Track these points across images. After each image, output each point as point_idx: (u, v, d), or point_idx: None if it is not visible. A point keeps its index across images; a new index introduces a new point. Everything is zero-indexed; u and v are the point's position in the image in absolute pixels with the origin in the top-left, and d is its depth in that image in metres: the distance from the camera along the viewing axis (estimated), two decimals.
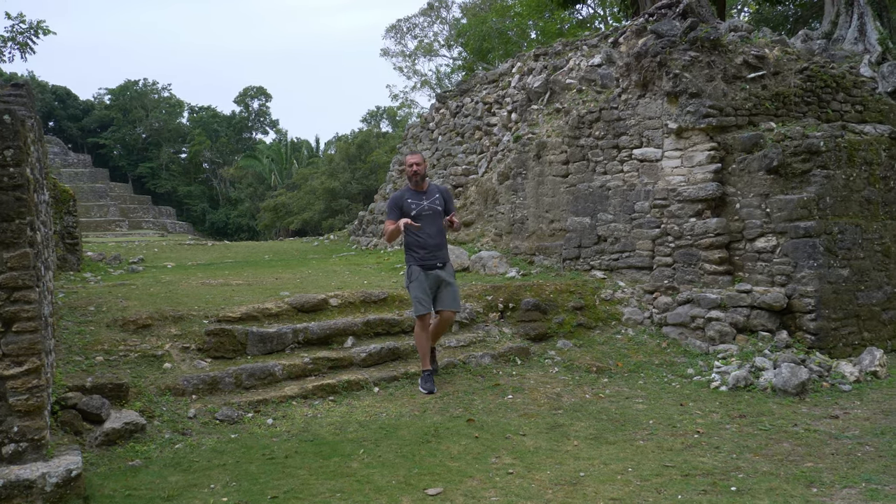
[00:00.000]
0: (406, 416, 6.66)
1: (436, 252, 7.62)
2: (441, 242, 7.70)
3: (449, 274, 7.71)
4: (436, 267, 7.59)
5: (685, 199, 9.69)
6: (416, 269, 7.56)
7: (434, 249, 7.61)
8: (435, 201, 7.70)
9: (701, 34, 10.10)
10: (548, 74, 13.30)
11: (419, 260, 7.57)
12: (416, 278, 7.54)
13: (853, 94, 11.00)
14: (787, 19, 29.78)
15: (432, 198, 7.71)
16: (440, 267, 7.62)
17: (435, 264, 7.58)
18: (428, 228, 7.58)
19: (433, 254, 7.60)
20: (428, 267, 7.56)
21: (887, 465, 5.27)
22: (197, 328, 7.63)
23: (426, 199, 7.68)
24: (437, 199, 7.72)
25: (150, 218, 37.00)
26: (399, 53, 43.17)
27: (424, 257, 7.57)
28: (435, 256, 7.60)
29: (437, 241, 7.65)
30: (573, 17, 35.57)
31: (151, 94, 64.76)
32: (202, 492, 4.93)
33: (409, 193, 7.73)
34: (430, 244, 7.58)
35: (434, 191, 7.80)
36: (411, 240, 7.64)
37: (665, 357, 8.80)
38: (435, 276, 7.58)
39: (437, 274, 7.58)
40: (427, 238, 7.57)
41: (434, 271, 7.58)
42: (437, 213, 7.69)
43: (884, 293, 9.32)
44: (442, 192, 7.87)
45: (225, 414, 6.50)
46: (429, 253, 7.58)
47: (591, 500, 4.72)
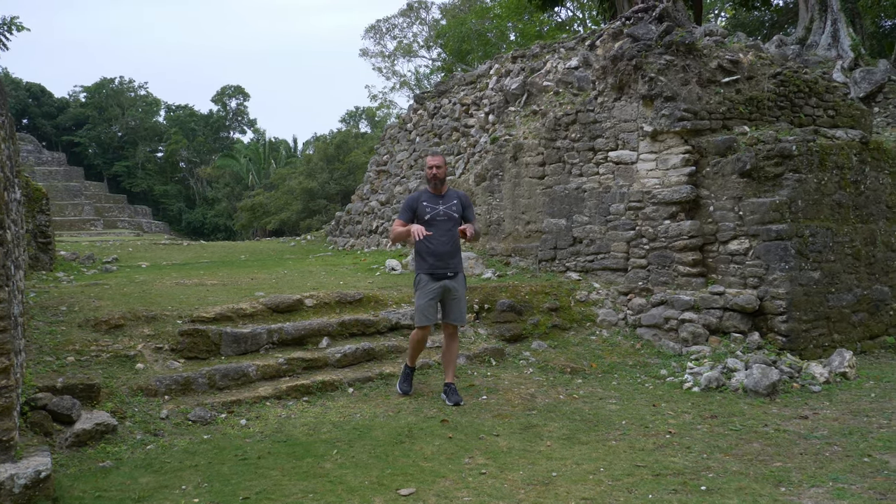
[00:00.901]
0: (380, 417, 6.66)
1: (447, 260, 7.13)
2: (453, 250, 7.19)
3: (460, 284, 7.26)
4: (446, 277, 7.12)
5: (660, 201, 9.77)
6: (425, 277, 7.14)
7: (446, 258, 7.12)
8: (452, 207, 7.22)
9: (676, 38, 10.19)
10: (525, 76, 13.35)
11: (428, 268, 7.12)
12: (423, 287, 7.13)
13: (826, 99, 11.13)
14: (763, 24, 30.11)
15: (450, 203, 7.24)
16: (451, 277, 7.15)
17: (445, 273, 7.12)
18: (441, 235, 7.10)
19: (444, 262, 7.12)
20: (437, 276, 7.10)
21: (854, 464, 5.34)
22: (170, 328, 7.59)
23: (443, 203, 7.22)
24: (455, 206, 7.24)
25: (126, 217, 36.69)
26: (378, 54, 43.25)
27: (434, 266, 7.11)
28: (446, 265, 7.13)
29: (449, 249, 7.14)
30: (552, 20, 35.74)
31: (127, 91, 64.27)
32: (173, 493, 4.90)
33: (425, 196, 7.30)
34: (441, 252, 7.10)
35: (452, 196, 7.32)
36: (421, 246, 7.16)
37: (639, 358, 8.86)
38: (443, 287, 7.13)
39: (445, 284, 7.13)
40: (438, 245, 7.09)
41: (443, 281, 7.12)
42: (453, 219, 7.19)
43: (854, 296, 9.44)
44: (461, 198, 7.36)
45: (198, 415, 6.47)
46: (439, 261, 7.11)
47: (563, 499, 4.74)
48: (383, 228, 16.65)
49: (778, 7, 29.50)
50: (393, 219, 16.20)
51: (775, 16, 29.61)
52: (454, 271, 7.18)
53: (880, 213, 10.05)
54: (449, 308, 7.22)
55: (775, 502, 4.62)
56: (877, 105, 14.88)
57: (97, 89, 62.64)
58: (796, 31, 18.64)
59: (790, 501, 4.63)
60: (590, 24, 33.35)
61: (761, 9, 27.95)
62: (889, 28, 26.18)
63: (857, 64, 16.38)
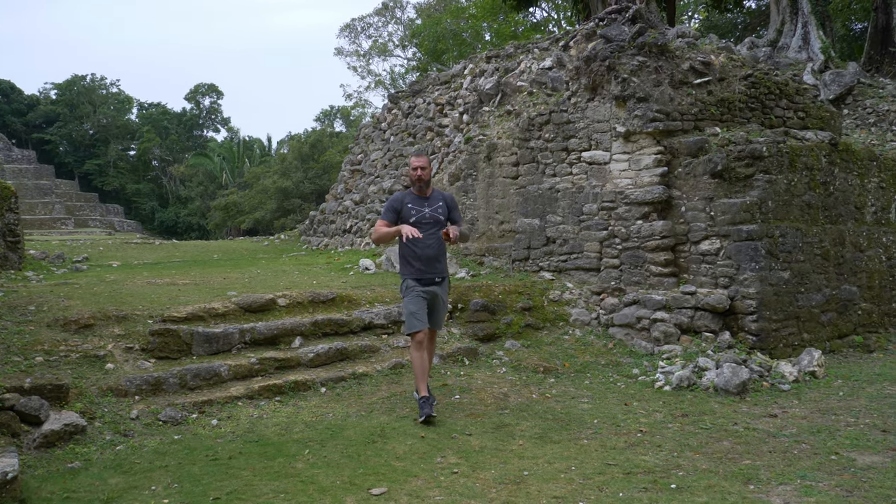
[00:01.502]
0: (353, 417, 6.65)
1: (434, 265, 6.86)
2: (439, 254, 6.91)
3: (444, 290, 7.02)
4: (433, 282, 6.86)
5: (632, 201, 9.83)
6: (412, 282, 6.85)
7: (432, 262, 6.85)
8: (438, 209, 6.93)
9: (649, 39, 10.26)
10: (499, 76, 13.38)
11: (415, 273, 6.83)
12: (412, 291, 6.81)
13: (796, 100, 11.26)
14: (736, 27, 30.39)
15: (435, 205, 6.95)
16: (438, 282, 6.90)
17: (433, 279, 6.85)
18: (426, 238, 6.80)
19: (431, 267, 6.84)
20: (425, 282, 6.82)
21: (822, 462, 5.40)
22: (141, 328, 7.52)
23: (428, 206, 6.92)
24: (441, 208, 6.95)
25: (97, 216, 36.26)
26: (353, 53, 43.14)
27: (421, 270, 6.82)
28: (433, 270, 6.85)
29: (435, 253, 6.86)
30: (527, 20, 35.87)
31: (99, 89, 63.58)
32: (143, 494, 4.86)
33: (410, 197, 6.98)
34: (427, 256, 6.81)
35: (438, 198, 7.03)
36: (406, 250, 6.89)
37: (611, 357, 8.91)
38: (431, 292, 6.85)
39: (433, 290, 6.86)
40: (424, 249, 6.80)
41: (431, 287, 6.85)
42: (439, 222, 6.90)
43: (823, 295, 9.56)
44: (447, 199, 7.08)
45: (168, 415, 6.42)
46: (425, 266, 6.82)
47: (535, 498, 4.76)
48: (357, 228, 16.61)
49: (750, 10, 29.81)
50: (367, 218, 16.17)
51: (748, 18, 29.92)
52: (441, 276, 6.94)
53: (849, 213, 10.19)
54: (432, 314, 6.93)
55: (744, 500, 4.66)
56: (846, 107, 15.07)
57: (68, 86, 61.90)
58: (768, 34, 18.84)
59: (758, 499, 4.68)
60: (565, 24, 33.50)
61: (734, 11, 28.23)
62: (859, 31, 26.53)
63: (827, 66, 16.59)
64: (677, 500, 4.66)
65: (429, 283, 6.84)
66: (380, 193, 15.97)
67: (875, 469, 5.19)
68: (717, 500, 4.65)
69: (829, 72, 15.97)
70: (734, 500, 4.66)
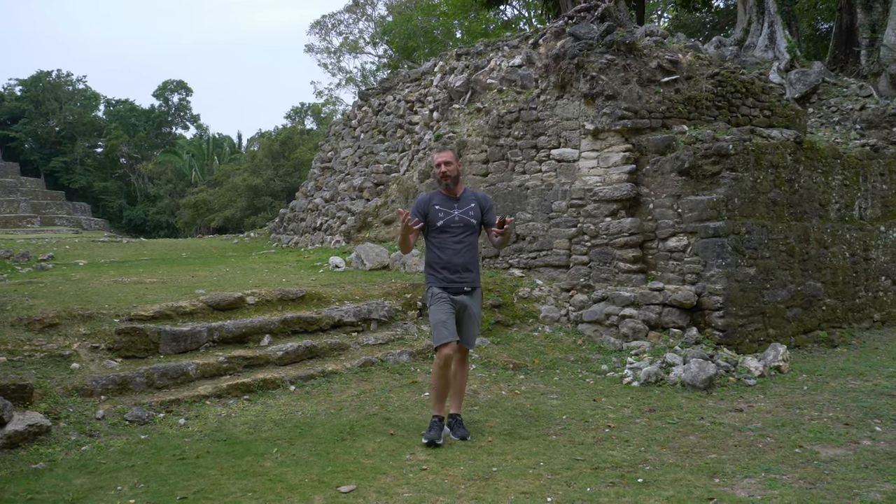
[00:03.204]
0: (322, 415, 6.63)
1: (463, 274, 6.09)
2: (470, 261, 6.15)
3: (477, 301, 6.23)
4: (462, 292, 6.09)
5: (601, 199, 9.90)
6: (438, 290, 6.11)
7: (461, 270, 6.08)
8: (469, 211, 6.17)
9: (617, 38, 10.33)
10: (469, 74, 13.40)
11: (440, 282, 6.10)
12: (438, 300, 6.07)
13: (762, 99, 11.40)
14: (705, 26, 30.66)
15: (466, 206, 6.19)
16: (467, 292, 6.12)
17: (461, 288, 6.09)
18: (455, 244, 6.09)
19: (459, 276, 6.08)
20: (453, 291, 6.07)
21: (786, 455, 5.48)
22: (107, 327, 7.44)
23: (458, 207, 6.17)
24: (472, 210, 6.18)
25: (64, 214, 35.75)
26: (324, 50, 42.94)
27: (448, 280, 6.07)
28: (462, 279, 6.09)
29: (465, 260, 6.11)
30: (498, 18, 35.92)
31: (65, 85, 62.65)
32: (108, 494, 4.81)
33: (438, 198, 6.23)
34: (455, 263, 6.07)
35: (469, 198, 6.25)
36: (431, 256, 6.20)
37: (580, 354, 8.97)
38: (460, 303, 6.10)
39: (462, 300, 6.10)
40: (452, 255, 6.07)
41: (460, 297, 6.09)
42: (470, 226, 6.15)
43: (788, 291, 9.69)
44: (479, 199, 6.29)
45: (135, 414, 6.36)
46: (454, 274, 6.07)
47: (503, 494, 4.78)
48: (328, 226, 16.55)
49: (718, 9, 30.10)
50: (338, 216, 16.11)
51: (716, 18, 30.20)
52: (472, 286, 6.16)
53: (813, 210, 10.33)
54: (461, 328, 6.15)
55: (709, 493, 4.71)
56: (811, 106, 15.28)
57: (33, 83, 60.90)
58: (734, 33, 19.04)
59: (723, 492, 4.73)
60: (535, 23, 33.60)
61: (702, 10, 28.48)
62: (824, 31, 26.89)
63: (792, 65, 16.80)
64: (644, 494, 4.70)
65: (457, 293, 6.09)
66: (350, 191, 15.93)
67: (837, 462, 5.27)
68: (683, 494, 4.69)
69: (794, 71, 16.18)
70: (700, 493, 4.71)
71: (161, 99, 64.07)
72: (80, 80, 64.56)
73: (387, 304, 9.21)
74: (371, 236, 13.94)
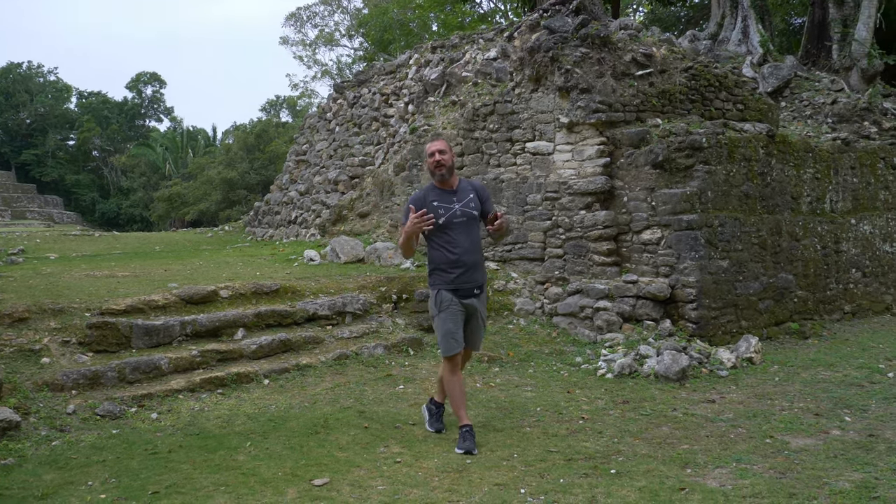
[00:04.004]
0: (296, 408, 6.61)
1: (473, 273, 5.64)
2: (478, 259, 5.71)
3: (483, 303, 5.82)
4: (472, 294, 5.66)
5: (575, 192, 9.93)
6: (447, 294, 5.63)
7: (471, 269, 5.63)
8: (469, 203, 5.67)
9: (592, 31, 10.35)
10: (444, 67, 13.37)
11: (451, 283, 5.61)
12: (449, 307, 5.62)
13: (735, 93, 11.47)
14: (680, 20, 30.81)
15: (465, 198, 5.68)
16: (477, 294, 5.70)
17: (472, 290, 5.65)
18: (462, 240, 5.60)
19: (470, 276, 5.62)
20: (464, 293, 5.63)
21: (757, 445, 5.53)
22: (78, 321, 7.37)
23: (458, 200, 5.67)
24: (472, 200, 5.68)
25: (36, 207, 35.31)
26: (299, 42, 42.65)
27: (459, 280, 5.60)
28: (472, 279, 5.64)
29: (475, 258, 5.65)
30: (474, 11, 35.84)
31: (36, 77, 61.88)
32: (79, 489, 4.77)
33: (434, 193, 5.71)
34: (465, 262, 5.60)
35: (467, 189, 5.76)
36: (438, 255, 5.68)
37: (555, 346, 9.00)
38: (469, 306, 5.68)
39: (472, 304, 5.68)
40: (462, 253, 5.60)
41: (469, 300, 5.67)
42: (473, 219, 5.69)
43: (760, 283, 9.77)
44: (477, 189, 5.81)
45: (106, 409, 6.30)
46: (465, 274, 5.60)
47: (477, 486, 4.79)
48: (302, 219, 16.46)
49: (693, 4, 30.25)
50: (313, 209, 16.02)
51: (691, 12, 30.36)
52: (480, 286, 5.73)
53: (785, 203, 10.42)
54: (472, 330, 5.81)
55: (681, 483, 4.75)
56: (784, 99, 15.41)
57: (3, 74, 60.05)
58: (708, 27, 19.16)
59: (695, 482, 4.77)
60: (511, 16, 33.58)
61: (676, 4, 28.62)
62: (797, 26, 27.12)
63: (765, 60, 16.94)
64: (616, 485, 4.73)
65: (467, 296, 5.65)
66: (325, 184, 15.85)
67: (807, 451, 5.33)
68: (655, 485, 4.73)
69: (767, 65, 16.30)
70: (672, 483, 4.75)
71: (134, 91, 63.43)
72: (52, 72, 63.86)
73: (362, 298, 9.19)
74: (346, 229, 13.89)
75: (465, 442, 5.51)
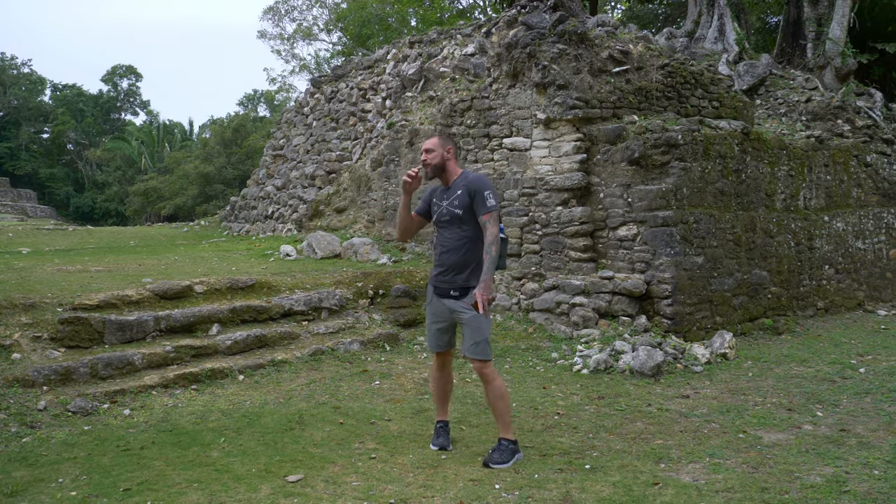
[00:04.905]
0: (270, 404, 6.57)
1: (451, 275, 5.32)
2: (460, 262, 5.30)
3: (467, 306, 5.27)
4: (448, 294, 5.34)
5: (552, 188, 9.94)
6: (430, 290, 5.54)
7: (449, 271, 5.33)
8: (454, 201, 5.33)
9: (569, 27, 10.36)
10: (422, 62, 13.35)
11: (432, 280, 5.49)
12: (429, 302, 5.54)
13: (710, 90, 11.54)
14: (658, 18, 30.94)
15: (452, 196, 5.36)
16: (455, 296, 5.31)
17: (447, 291, 5.34)
18: (445, 240, 5.38)
19: (447, 277, 5.34)
20: (440, 293, 5.40)
21: (730, 440, 5.58)
22: (50, 316, 7.28)
23: (446, 198, 5.40)
24: (458, 198, 5.31)
25: (9, 202, 34.96)
26: (277, 36, 42.33)
27: (437, 279, 5.42)
28: (450, 280, 5.33)
29: (455, 259, 5.31)
30: (453, 7, 35.79)
31: (9, 69, 61.03)
32: (49, 486, 4.71)
33: (437, 189, 5.55)
34: (443, 262, 5.35)
35: (458, 186, 5.38)
36: (433, 251, 5.60)
37: (531, 342, 9.01)
38: (448, 306, 5.37)
39: (450, 304, 5.35)
40: (441, 253, 5.39)
41: (447, 301, 5.35)
42: (457, 218, 5.32)
43: (734, 280, 9.84)
44: (468, 184, 5.34)
45: (78, 405, 6.23)
46: (442, 275, 5.36)
47: (451, 482, 4.79)
48: (279, 214, 16.39)
49: (670, 1, 30.39)
50: (289, 204, 15.95)
51: (668, 10, 30.50)
52: (460, 289, 5.30)
53: (759, 200, 10.50)
54: (453, 332, 5.55)
55: (655, 478, 4.78)
56: (758, 97, 15.51)
57: None
58: (685, 25, 19.26)
59: (669, 477, 4.80)
60: (490, 12, 33.57)
61: (654, 2, 28.74)
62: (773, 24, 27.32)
63: (741, 57, 17.05)
64: (591, 480, 4.75)
65: (444, 295, 5.39)
66: (302, 179, 15.78)
67: (780, 446, 5.38)
68: (629, 480, 4.75)
69: (742, 63, 16.41)
70: (645, 478, 4.78)
71: (110, 84, 62.86)
72: (26, 64, 63.10)
73: (338, 293, 9.16)
74: (323, 224, 13.84)
75: (438, 438, 5.52)
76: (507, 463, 5.10)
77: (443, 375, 5.64)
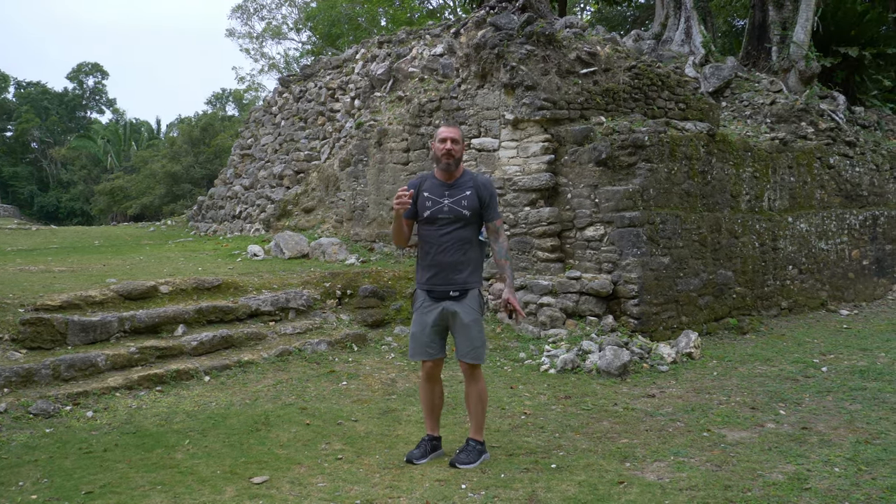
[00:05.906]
0: (236, 405, 6.52)
1: (450, 274, 5.14)
2: (459, 261, 5.14)
3: (467, 308, 5.16)
4: (447, 296, 5.17)
5: (520, 188, 9.98)
6: (421, 294, 5.27)
7: (448, 270, 5.14)
8: (462, 201, 5.12)
9: (537, 29, 10.41)
10: (391, 62, 13.33)
11: (425, 283, 5.22)
12: (419, 308, 5.27)
13: (677, 92, 11.64)
14: (626, 20, 31.18)
15: (459, 195, 5.14)
16: (454, 297, 5.16)
17: (446, 292, 5.16)
18: (442, 239, 5.13)
19: (446, 277, 5.14)
20: (437, 295, 5.19)
21: (694, 439, 5.63)
22: (11, 317, 7.17)
23: (449, 195, 5.14)
24: (467, 199, 5.12)
25: None
26: (246, 35, 42.09)
27: (432, 282, 5.18)
28: (448, 280, 5.14)
29: (454, 259, 5.13)
30: (423, 7, 35.80)
31: None
32: (9, 490, 4.64)
33: (429, 182, 5.25)
34: (439, 262, 5.14)
35: (466, 184, 5.19)
36: (420, 252, 5.29)
37: (499, 342, 9.03)
38: (445, 310, 5.18)
39: (448, 307, 5.17)
40: (436, 253, 5.15)
41: (444, 302, 5.17)
42: (462, 218, 5.13)
43: (700, 280, 9.94)
44: (479, 186, 5.18)
45: (40, 407, 6.14)
46: (439, 275, 5.15)
47: (418, 482, 4.78)
48: (247, 213, 16.27)
49: (639, 3, 30.65)
50: (257, 204, 15.84)
51: (637, 12, 30.75)
52: (460, 289, 5.17)
53: (725, 201, 10.62)
54: (457, 338, 5.27)
55: (620, 477, 4.81)
56: (724, 99, 15.68)
57: None
58: (652, 27, 19.42)
59: (633, 476, 4.84)
60: (460, 12, 33.60)
61: (623, 4, 28.96)
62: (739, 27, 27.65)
63: (707, 60, 17.21)
64: (557, 480, 4.77)
65: (441, 298, 5.19)
66: (270, 178, 15.69)
67: (743, 444, 5.44)
68: (595, 478, 4.78)
69: (709, 65, 16.57)
70: (611, 477, 4.81)
71: (75, 82, 62.04)
72: None
73: (305, 293, 9.12)
74: (291, 224, 13.77)
75: (416, 449, 5.30)
76: (473, 463, 5.09)
77: (434, 387, 5.38)
